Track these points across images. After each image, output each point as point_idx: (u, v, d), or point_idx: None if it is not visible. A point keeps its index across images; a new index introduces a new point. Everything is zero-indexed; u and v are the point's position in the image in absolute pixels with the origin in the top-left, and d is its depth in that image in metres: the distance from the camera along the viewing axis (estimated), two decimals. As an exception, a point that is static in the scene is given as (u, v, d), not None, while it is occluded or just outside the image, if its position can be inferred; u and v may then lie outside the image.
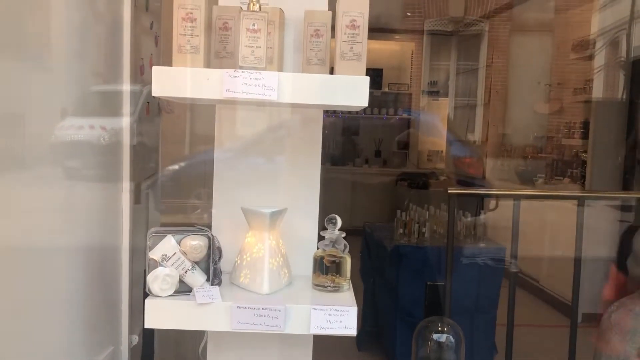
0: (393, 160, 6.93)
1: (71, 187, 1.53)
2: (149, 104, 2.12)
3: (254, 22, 1.41)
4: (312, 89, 1.42)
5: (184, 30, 1.43)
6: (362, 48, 1.46)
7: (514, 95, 6.25)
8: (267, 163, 1.71)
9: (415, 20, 6.80)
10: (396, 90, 7.00)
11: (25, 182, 1.28)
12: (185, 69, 1.41)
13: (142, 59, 1.99)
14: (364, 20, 1.46)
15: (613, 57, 5.02)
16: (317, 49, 1.55)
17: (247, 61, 1.42)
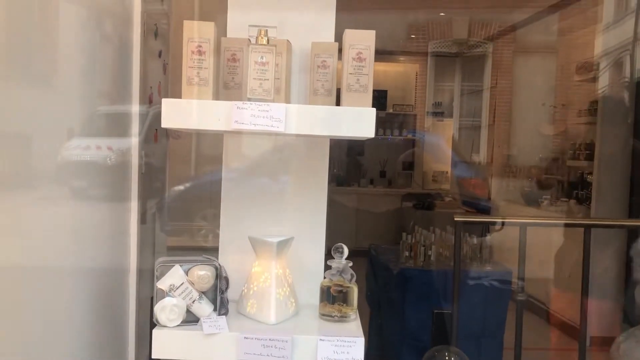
0: (398, 181, 6.94)
1: (78, 208, 1.54)
2: (157, 130, 2.14)
3: (262, 55, 1.43)
4: (320, 121, 1.43)
5: (193, 63, 1.45)
6: (368, 80, 1.48)
7: (518, 116, 6.27)
8: (273, 191, 1.72)
9: (419, 42, 6.86)
10: (401, 111, 7.04)
11: (32, 202, 1.29)
12: (195, 101, 1.43)
13: (150, 87, 2.02)
14: (370, 52, 1.48)
15: (617, 78, 5.03)
16: (323, 79, 1.58)
17: (255, 93, 1.44)
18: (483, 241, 3.78)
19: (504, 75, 6.42)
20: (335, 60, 1.57)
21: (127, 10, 1.78)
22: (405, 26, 6.69)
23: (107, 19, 1.71)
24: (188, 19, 2.98)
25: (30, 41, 1.24)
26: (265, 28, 1.45)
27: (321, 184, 1.69)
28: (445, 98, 7.08)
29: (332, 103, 1.57)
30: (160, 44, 2.19)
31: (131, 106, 1.82)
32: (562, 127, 5.54)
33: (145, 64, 1.93)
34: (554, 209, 5.01)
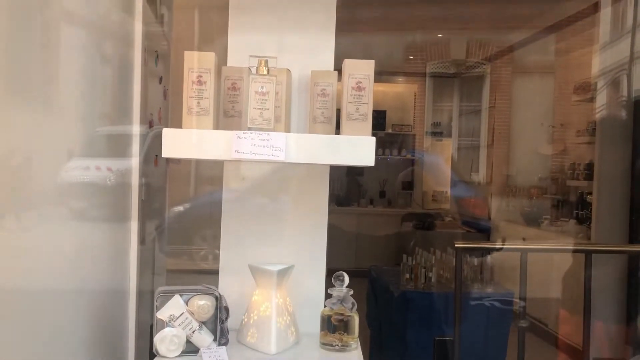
0: (398, 201, 6.94)
1: (77, 229, 1.53)
2: (157, 156, 2.15)
3: (263, 85, 1.44)
4: (320, 149, 1.44)
5: (194, 93, 1.46)
6: (367, 109, 1.49)
7: (517, 136, 6.29)
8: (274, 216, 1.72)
9: (417, 63, 6.92)
10: (400, 131, 7.06)
11: (32, 223, 1.28)
12: (195, 131, 1.44)
13: (151, 114, 2.03)
14: (370, 82, 1.49)
15: (614, 97, 5.06)
16: (323, 107, 1.59)
17: (255, 123, 1.44)
18: (484, 262, 3.77)
19: (502, 95, 6.46)
20: (335, 88, 1.58)
21: (128, 32, 1.79)
22: (404, 47, 6.75)
23: (108, 40, 1.72)
24: (188, 41, 3.00)
25: (32, 62, 1.24)
26: (265, 58, 1.46)
27: (321, 212, 1.69)
28: (444, 118, 7.11)
29: (332, 130, 1.58)
30: (161, 70, 2.21)
31: (131, 127, 1.82)
32: (561, 147, 5.55)
33: (145, 90, 1.94)
34: (554, 229, 5.00)
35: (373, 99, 1.50)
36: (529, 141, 6.03)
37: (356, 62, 1.50)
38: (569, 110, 5.52)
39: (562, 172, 5.40)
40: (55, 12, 1.36)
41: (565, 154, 5.51)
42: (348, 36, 1.81)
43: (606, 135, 4.80)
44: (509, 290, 3.36)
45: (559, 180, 5.39)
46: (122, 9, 1.78)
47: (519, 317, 2.66)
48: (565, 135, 5.55)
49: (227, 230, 1.70)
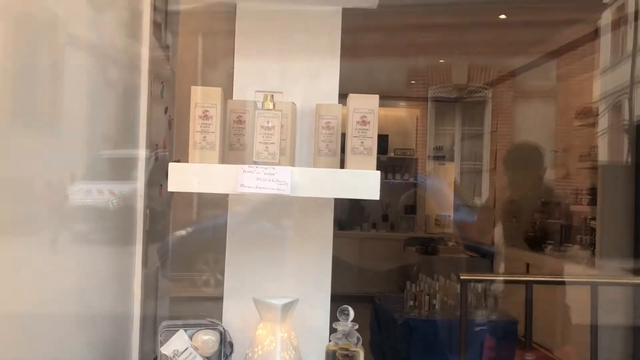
0: (401, 225, 6.92)
1: (79, 252, 1.52)
2: (162, 186, 2.15)
3: (268, 120, 1.46)
4: (325, 183, 1.45)
5: (200, 127, 1.48)
6: (372, 143, 1.50)
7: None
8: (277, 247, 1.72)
9: (419, 87, 6.97)
10: (402, 155, 7.08)
11: (33, 247, 1.28)
12: (201, 165, 1.44)
13: (157, 145, 2.04)
14: (374, 116, 1.51)
15: (616, 121, 5.08)
16: (328, 140, 1.59)
17: (261, 157, 1.45)
18: (487, 289, 3.75)
19: (504, 119, 6.48)
20: (340, 121, 1.59)
21: (133, 57, 1.81)
22: (406, 72, 6.80)
23: (112, 65, 1.73)
24: (192, 66, 3.01)
25: (37, 86, 1.25)
26: (271, 93, 1.47)
27: (326, 244, 1.69)
28: (446, 142, 7.13)
29: (337, 163, 1.58)
30: (166, 101, 2.23)
31: (134, 151, 1.83)
32: (564, 172, 5.56)
33: (151, 114, 1.95)
34: (558, 254, 4.98)
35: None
36: (531, 166, 6.02)
37: (361, 97, 1.51)
38: (571, 135, 5.53)
39: (565, 197, 5.40)
40: (61, 37, 1.37)
41: (568, 178, 5.51)
42: (350, 61, 1.83)
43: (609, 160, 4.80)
44: (513, 318, 3.34)
45: (562, 205, 5.38)
46: (127, 35, 1.80)
47: (523, 344, 2.64)
48: (567, 160, 5.55)
49: (231, 261, 1.69)
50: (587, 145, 5.24)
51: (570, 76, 5.68)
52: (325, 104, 1.61)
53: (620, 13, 5.19)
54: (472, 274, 4.90)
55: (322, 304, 1.68)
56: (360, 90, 1.55)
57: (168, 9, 2.38)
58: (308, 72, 1.72)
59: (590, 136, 5.23)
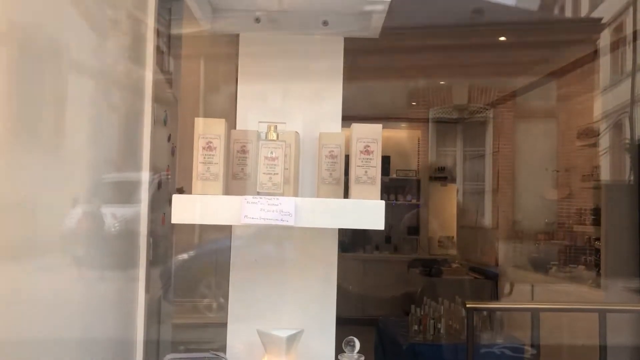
0: (404, 247, 6.89)
1: (81, 276, 1.51)
2: (165, 214, 2.15)
3: (272, 151, 1.46)
4: (329, 214, 1.44)
5: (204, 159, 1.48)
6: (376, 172, 1.50)
7: (522, 181, 6.30)
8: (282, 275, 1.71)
9: (420, 108, 7.00)
10: (404, 176, 7.08)
11: (35, 271, 1.26)
12: (205, 197, 1.44)
13: (160, 174, 2.04)
14: (378, 146, 1.51)
15: (617, 139, 5.09)
16: (331, 169, 1.59)
17: (264, 187, 1.45)
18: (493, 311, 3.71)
19: (505, 140, 6.50)
20: (343, 150, 1.60)
21: (136, 81, 1.82)
22: (406, 93, 6.84)
23: (115, 89, 1.74)
24: (195, 89, 3.02)
25: (40, 110, 1.25)
26: (274, 124, 1.48)
27: (331, 272, 1.68)
28: (448, 163, 7.14)
29: (341, 191, 1.58)
30: (169, 129, 2.23)
31: (136, 174, 1.83)
32: (567, 192, 5.55)
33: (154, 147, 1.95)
34: (562, 275, 4.94)
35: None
36: (534, 186, 6.03)
37: (364, 127, 1.51)
38: (573, 155, 5.54)
39: (568, 217, 5.38)
40: (65, 62, 1.38)
41: (571, 198, 5.50)
42: (351, 83, 1.84)
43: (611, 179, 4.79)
44: (519, 342, 3.30)
45: (565, 225, 5.36)
46: (130, 59, 1.81)
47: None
48: (570, 180, 5.55)
49: (235, 285, 1.68)
50: (589, 165, 5.24)
51: (571, 96, 5.71)
52: (328, 132, 1.62)
53: (619, 33, 5.24)
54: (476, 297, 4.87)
55: (327, 334, 1.66)
56: (362, 112, 1.55)
57: (171, 33, 2.39)
58: (310, 97, 1.73)
59: (592, 156, 5.23)
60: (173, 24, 2.35)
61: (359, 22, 1.64)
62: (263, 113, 1.68)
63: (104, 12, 1.64)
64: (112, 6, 1.69)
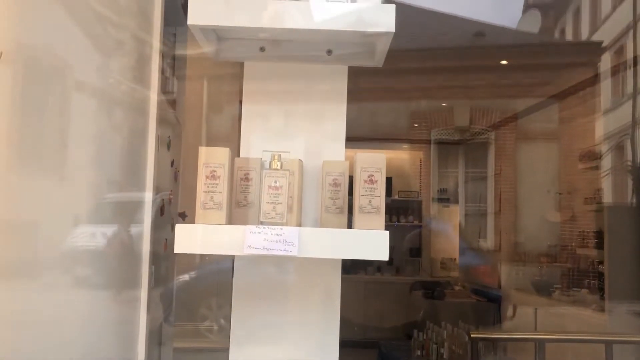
0: (406, 268, 6.85)
1: (82, 297, 1.50)
2: (167, 240, 2.14)
3: (276, 180, 1.45)
4: (333, 244, 1.43)
5: (208, 188, 1.47)
6: (380, 202, 1.49)
7: (524, 203, 6.29)
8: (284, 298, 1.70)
9: (422, 130, 7.02)
10: (406, 198, 7.07)
11: (34, 291, 1.26)
12: (208, 226, 1.43)
13: (162, 199, 2.04)
14: (382, 175, 1.50)
15: (619, 162, 5.09)
16: (335, 197, 1.59)
17: (268, 217, 1.44)
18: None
19: (507, 161, 6.50)
20: (347, 178, 1.59)
21: (140, 101, 1.82)
22: (408, 115, 6.86)
23: (119, 109, 1.74)
24: (197, 111, 3.02)
25: (43, 130, 1.25)
26: (278, 153, 1.48)
27: (334, 302, 1.66)
28: (450, 184, 7.14)
29: (344, 220, 1.57)
30: (173, 154, 2.23)
31: (139, 194, 1.82)
32: (569, 214, 5.54)
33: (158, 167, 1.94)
34: (566, 299, 4.91)
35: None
36: (536, 208, 6.02)
37: (368, 156, 1.51)
38: (575, 177, 5.53)
39: (571, 240, 5.36)
40: (69, 82, 1.39)
41: (573, 221, 5.49)
42: (353, 104, 1.85)
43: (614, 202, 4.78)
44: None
45: (568, 248, 5.34)
46: (134, 79, 1.82)
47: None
48: (572, 202, 5.54)
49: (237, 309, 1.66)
50: (591, 187, 5.23)
51: (572, 119, 5.73)
52: (332, 161, 1.61)
53: (619, 56, 5.27)
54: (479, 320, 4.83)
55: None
56: (364, 133, 1.55)
57: (175, 54, 2.41)
58: (314, 121, 1.72)
59: (594, 179, 5.23)
60: (178, 45, 2.36)
61: (363, 51, 1.65)
62: (267, 138, 1.68)
63: (108, 32, 1.65)
64: (117, 27, 1.70)
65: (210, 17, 1.46)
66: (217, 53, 1.65)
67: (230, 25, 1.48)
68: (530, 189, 6.22)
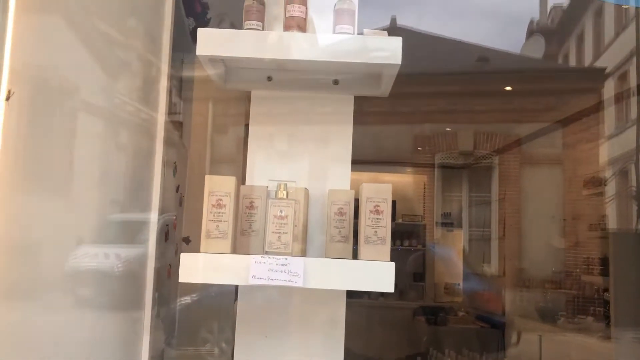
0: (409, 293, 6.79)
1: (84, 318, 1.49)
2: (170, 266, 2.13)
3: (282, 209, 1.45)
4: (338, 275, 1.42)
5: (213, 216, 1.47)
6: (386, 232, 1.49)
7: (528, 228, 6.26)
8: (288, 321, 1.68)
9: (426, 154, 7.03)
10: (410, 221, 7.05)
11: (36, 312, 1.25)
12: (213, 256, 1.43)
13: (167, 225, 2.04)
14: (387, 205, 1.50)
15: (624, 187, 5.07)
16: (340, 226, 1.58)
17: (273, 247, 1.44)
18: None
19: (511, 186, 6.50)
20: (352, 207, 1.59)
21: (145, 122, 1.82)
22: (412, 139, 6.88)
23: (125, 130, 1.75)
24: (203, 131, 3.02)
25: (50, 151, 1.26)
26: (284, 182, 1.48)
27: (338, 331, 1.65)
28: (453, 208, 7.12)
29: (350, 250, 1.56)
30: (178, 180, 2.24)
31: (142, 215, 1.81)
32: (574, 240, 5.51)
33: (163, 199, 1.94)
34: (571, 326, 4.85)
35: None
36: (540, 233, 5.99)
37: (373, 186, 1.51)
38: (580, 203, 5.52)
39: (576, 267, 5.32)
40: (76, 103, 1.40)
41: (578, 247, 5.45)
42: (358, 128, 1.85)
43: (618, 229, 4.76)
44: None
45: (573, 274, 5.30)
46: (140, 101, 1.83)
47: None
48: (577, 228, 5.51)
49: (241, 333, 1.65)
50: (596, 214, 5.21)
51: (576, 144, 5.73)
52: (338, 190, 1.61)
53: (623, 81, 5.30)
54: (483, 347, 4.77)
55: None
56: (368, 156, 1.55)
57: (183, 75, 2.42)
58: (319, 143, 1.72)
59: (599, 205, 5.21)
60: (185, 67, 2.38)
61: (370, 81, 1.66)
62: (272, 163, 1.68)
63: (115, 54, 1.67)
64: (124, 48, 1.71)
65: (219, 48, 1.47)
66: (225, 82, 1.67)
67: (238, 55, 1.50)
68: (534, 214, 6.21)
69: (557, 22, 6.85)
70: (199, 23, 2.36)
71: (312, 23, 1.65)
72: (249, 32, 1.51)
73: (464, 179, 7.15)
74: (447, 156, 6.95)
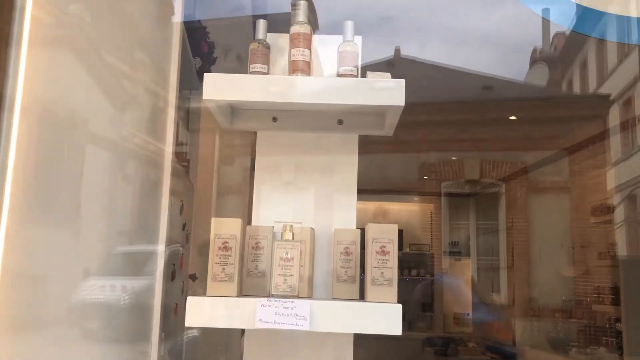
0: (418, 323, 6.71)
1: (89, 351, 1.47)
2: (177, 305, 2.13)
3: (287, 251, 1.45)
4: (345, 318, 1.41)
5: (219, 259, 1.47)
6: (392, 273, 1.48)
7: (536, 256, 6.21)
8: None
9: (432, 182, 7.02)
10: (417, 251, 7.01)
11: (41, 345, 1.24)
12: (219, 299, 1.42)
13: (173, 264, 2.04)
14: (394, 246, 1.50)
15: (632, 213, 5.04)
16: (347, 266, 1.58)
17: (279, 289, 1.44)
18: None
19: (519, 214, 6.46)
20: (358, 247, 1.59)
21: (153, 153, 1.83)
22: (418, 167, 6.88)
23: (131, 161, 1.75)
24: (209, 162, 3.02)
25: (56, 183, 1.27)
26: (290, 224, 1.48)
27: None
28: (461, 237, 7.08)
29: (356, 290, 1.56)
30: (185, 218, 2.24)
31: (149, 246, 1.81)
32: (583, 269, 5.45)
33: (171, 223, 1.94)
34: (584, 357, 4.77)
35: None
36: (549, 262, 5.93)
37: (379, 227, 1.51)
38: (588, 231, 5.47)
39: (586, 296, 5.26)
40: (82, 135, 1.41)
41: (588, 275, 5.39)
42: (363, 156, 1.85)
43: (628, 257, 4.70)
44: None
45: (583, 303, 5.23)
46: (147, 132, 1.84)
47: None
48: (586, 257, 5.46)
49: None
50: (605, 242, 5.17)
51: (583, 172, 5.71)
52: (344, 229, 1.61)
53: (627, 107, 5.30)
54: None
55: None
56: (374, 185, 1.55)
57: (190, 107, 2.44)
58: (325, 172, 1.72)
59: (607, 232, 5.17)
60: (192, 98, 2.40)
61: (374, 121, 1.67)
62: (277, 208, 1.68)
63: (123, 86, 1.69)
64: (132, 81, 1.74)
65: (224, 92, 1.49)
66: (232, 123, 1.68)
67: (244, 99, 1.52)
68: (542, 242, 6.16)
69: (560, 49, 6.89)
70: (205, 62, 2.39)
71: (317, 56, 1.67)
72: (254, 77, 1.53)
73: (471, 207, 7.12)
74: (453, 184, 6.94)
